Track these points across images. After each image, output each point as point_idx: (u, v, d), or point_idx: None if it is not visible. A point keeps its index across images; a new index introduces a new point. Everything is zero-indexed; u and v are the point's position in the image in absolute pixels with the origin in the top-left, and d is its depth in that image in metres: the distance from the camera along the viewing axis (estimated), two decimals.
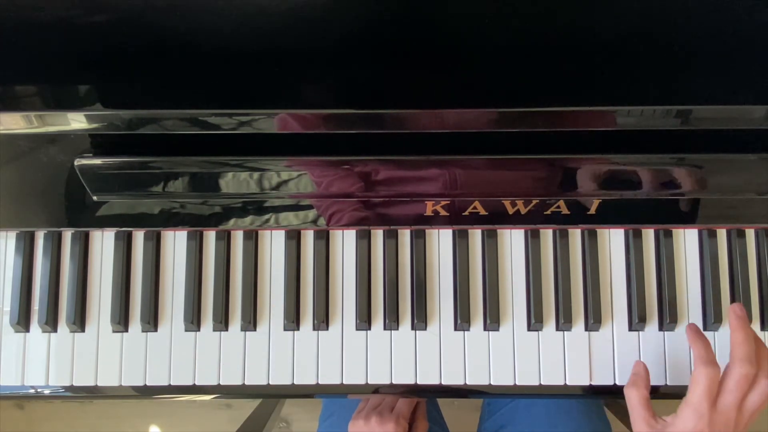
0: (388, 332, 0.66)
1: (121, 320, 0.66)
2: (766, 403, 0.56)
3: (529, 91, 0.53)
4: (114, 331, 0.66)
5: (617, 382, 0.64)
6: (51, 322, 0.66)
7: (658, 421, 0.57)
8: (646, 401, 0.59)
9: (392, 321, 0.65)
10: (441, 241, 0.67)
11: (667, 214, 0.63)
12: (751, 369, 0.54)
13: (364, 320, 0.65)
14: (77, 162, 0.60)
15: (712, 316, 0.65)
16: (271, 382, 0.65)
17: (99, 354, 0.66)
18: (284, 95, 0.53)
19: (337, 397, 0.80)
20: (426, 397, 0.78)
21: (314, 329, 0.66)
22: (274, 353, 0.66)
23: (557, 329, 0.65)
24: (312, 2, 0.54)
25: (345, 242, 0.67)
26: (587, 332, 0.65)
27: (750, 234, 0.66)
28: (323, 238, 0.66)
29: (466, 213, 0.63)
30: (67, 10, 0.54)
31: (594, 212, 0.63)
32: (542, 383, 0.64)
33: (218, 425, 1.47)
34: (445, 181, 0.59)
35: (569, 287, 0.65)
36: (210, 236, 0.67)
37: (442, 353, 0.65)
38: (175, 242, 0.67)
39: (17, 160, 0.63)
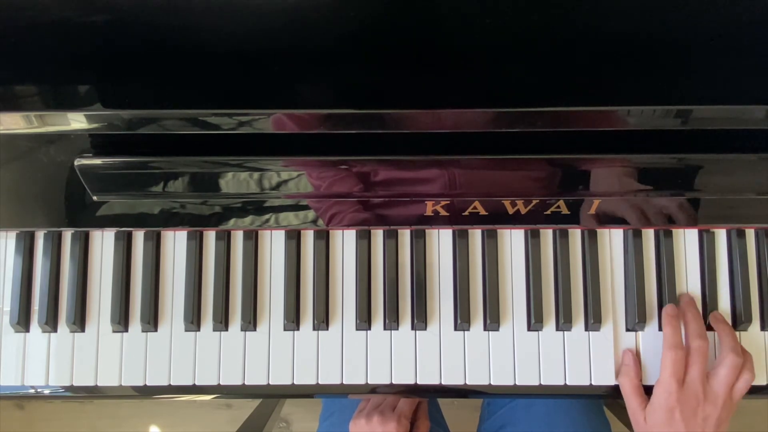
0: (388, 332, 0.66)
1: (121, 320, 0.66)
2: (742, 381, 0.60)
3: (528, 91, 0.53)
4: (114, 331, 0.66)
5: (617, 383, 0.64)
6: (51, 322, 0.66)
7: (646, 407, 0.62)
8: (637, 389, 0.63)
9: (392, 321, 0.65)
10: (441, 241, 0.67)
11: (667, 214, 0.63)
12: (703, 342, 0.61)
13: (364, 320, 0.65)
14: (77, 162, 0.60)
15: None
16: (271, 382, 0.65)
17: (99, 354, 0.66)
18: (283, 95, 0.53)
19: (337, 397, 0.80)
20: (426, 397, 0.78)
21: (314, 329, 0.66)
22: (274, 353, 0.66)
23: (557, 329, 0.65)
24: (311, 2, 0.54)
25: (345, 242, 0.67)
26: (587, 332, 0.65)
27: (750, 234, 0.66)
28: (323, 238, 0.66)
29: (466, 213, 0.63)
30: (67, 10, 0.54)
31: (594, 212, 0.63)
32: (542, 383, 0.64)
33: (218, 425, 1.47)
34: (445, 181, 0.59)
35: (569, 287, 0.65)
36: (210, 236, 0.67)
37: (442, 353, 0.65)
38: (175, 242, 0.67)
39: (17, 160, 0.63)
